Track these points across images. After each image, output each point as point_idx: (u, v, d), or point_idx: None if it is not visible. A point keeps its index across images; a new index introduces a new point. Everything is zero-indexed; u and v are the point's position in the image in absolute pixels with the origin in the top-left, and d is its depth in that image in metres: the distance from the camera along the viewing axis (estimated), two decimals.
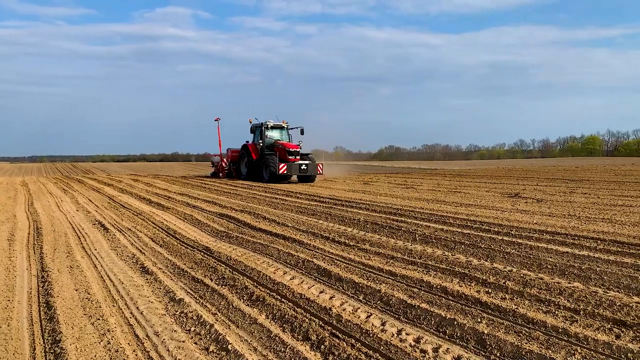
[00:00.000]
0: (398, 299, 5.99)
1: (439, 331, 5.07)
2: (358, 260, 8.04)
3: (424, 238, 9.81)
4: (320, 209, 14.61)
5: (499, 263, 7.67)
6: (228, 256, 8.44)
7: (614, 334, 4.83)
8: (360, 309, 5.73)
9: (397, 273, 7.17)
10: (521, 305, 5.71)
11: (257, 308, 5.89)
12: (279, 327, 5.27)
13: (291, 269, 7.67)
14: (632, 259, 7.62)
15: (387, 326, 5.18)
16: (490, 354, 4.51)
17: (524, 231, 10.12)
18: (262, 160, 26.05)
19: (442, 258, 8.09)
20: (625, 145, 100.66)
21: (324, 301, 6.00)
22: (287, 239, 9.92)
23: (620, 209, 13.46)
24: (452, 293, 6.19)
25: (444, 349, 4.56)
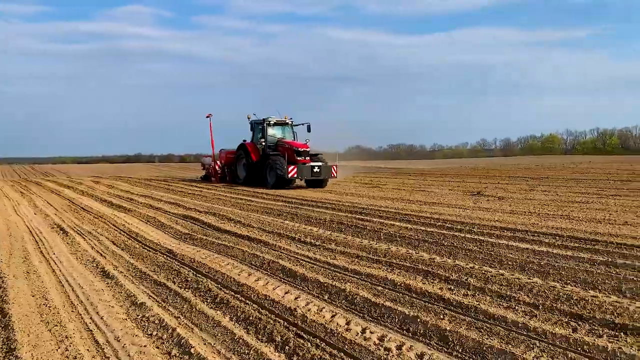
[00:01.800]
0: (363, 297, 6.02)
1: (402, 329, 5.11)
2: (324, 260, 8.04)
3: (388, 237, 9.89)
4: (287, 209, 14.57)
5: (462, 260, 7.80)
6: (192, 259, 8.32)
7: (571, 327, 4.97)
8: (325, 309, 5.74)
9: (362, 272, 7.20)
10: (482, 301, 5.81)
11: (221, 310, 5.82)
12: (243, 329, 5.22)
13: (256, 270, 7.62)
14: (588, 254, 7.86)
15: (352, 325, 5.19)
16: (452, 350, 4.57)
17: (485, 228, 10.32)
18: (266, 162, 22.09)
19: (406, 256, 8.17)
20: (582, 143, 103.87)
21: (289, 302, 5.98)
22: (253, 240, 9.85)
23: (577, 205, 13.88)
24: (416, 290, 6.26)
25: (407, 346, 4.60)
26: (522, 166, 40.03)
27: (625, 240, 8.62)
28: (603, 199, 15.34)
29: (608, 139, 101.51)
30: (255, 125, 24.31)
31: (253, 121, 24.54)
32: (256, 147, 23.55)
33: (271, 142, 23.30)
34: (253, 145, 23.81)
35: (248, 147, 23.76)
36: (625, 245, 8.26)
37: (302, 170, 21.33)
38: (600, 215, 11.74)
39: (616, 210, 12.70)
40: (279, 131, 24.10)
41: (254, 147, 23.67)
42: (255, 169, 23.09)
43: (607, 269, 6.96)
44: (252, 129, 24.56)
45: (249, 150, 23.60)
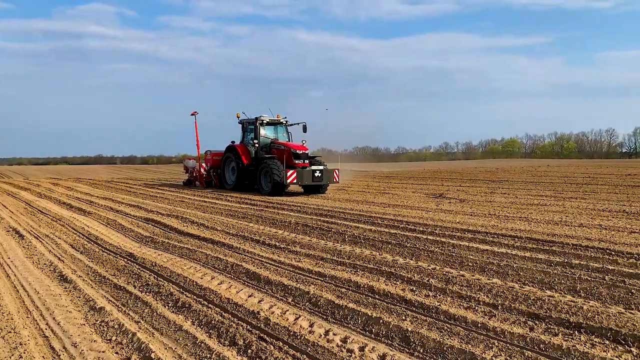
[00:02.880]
0: (326, 299, 6.04)
1: (365, 330, 5.15)
2: (288, 263, 8.03)
3: (353, 239, 9.95)
4: (251, 211, 14.49)
5: (424, 261, 7.91)
6: (153, 262, 8.18)
7: (528, 326, 5.10)
8: (289, 311, 5.73)
9: (326, 274, 7.22)
10: (444, 302, 5.91)
11: (183, 314, 5.74)
12: (205, 333, 5.16)
13: (219, 273, 7.54)
14: (545, 255, 8.09)
15: (315, 327, 5.20)
16: (414, 350, 4.63)
17: (447, 230, 10.50)
18: (260, 166, 19.79)
19: (370, 258, 8.24)
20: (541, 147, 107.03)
21: (252, 305, 5.94)
22: (216, 243, 9.75)
23: (536, 207, 14.27)
24: (379, 292, 6.31)
25: (369, 347, 4.64)
26: (483, 169, 40.89)
27: (580, 242, 8.90)
28: (560, 201, 15.81)
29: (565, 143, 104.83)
30: (246, 125, 21.92)
31: (244, 120, 22.11)
32: (247, 149, 21.28)
33: (264, 143, 21.07)
34: (243, 147, 21.46)
35: (238, 149, 21.31)
36: (580, 246, 8.53)
37: (302, 175, 18.97)
38: (557, 218, 12.10)
39: (572, 212, 13.11)
40: (271, 131, 21.72)
41: (244, 149, 21.32)
42: (246, 174, 20.85)
43: (563, 269, 7.18)
44: (243, 129, 22.22)
45: (238, 152, 21.16)
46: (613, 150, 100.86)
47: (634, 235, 9.60)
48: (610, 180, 23.59)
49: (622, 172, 30.10)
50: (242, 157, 21.02)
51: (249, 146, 21.26)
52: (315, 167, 19.59)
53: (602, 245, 8.60)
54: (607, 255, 7.92)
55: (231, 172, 22.02)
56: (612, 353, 4.39)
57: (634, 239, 9.20)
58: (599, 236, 9.48)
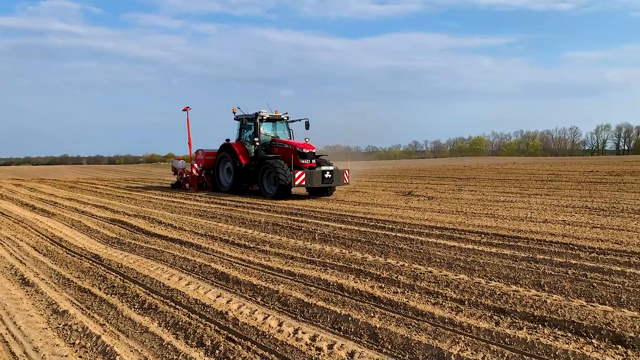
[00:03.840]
0: (296, 298, 6.02)
1: (334, 328, 5.15)
2: (257, 262, 7.98)
3: (323, 237, 9.96)
4: (221, 211, 14.36)
5: (392, 258, 7.97)
6: (119, 264, 8.02)
7: (494, 321, 5.19)
8: (258, 311, 5.69)
9: (296, 273, 7.21)
10: (412, 298, 5.96)
11: (149, 316, 5.64)
12: (172, 335, 5.08)
13: (187, 274, 7.44)
14: (511, 250, 8.24)
15: (284, 326, 5.18)
16: (382, 347, 4.65)
17: (415, 227, 10.60)
18: (262, 167, 17.93)
19: (339, 256, 8.25)
20: (507, 145, 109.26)
21: (220, 305, 5.88)
22: (184, 244, 9.62)
23: (502, 204, 14.53)
24: (348, 290, 6.33)
25: (338, 345, 4.64)
26: (451, 167, 41.48)
27: (545, 237, 9.10)
28: (525, 198, 16.15)
29: (531, 141, 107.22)
30: (245, 121, 19.83)
31: (242, 116, 19.99)
32: (245, 148, 19.44)
33: (264, 141, 19.24)
34: (241, 146, 19.55)
35: (235, 147, 19.39)
36: (545, 242, 8.73)
37: (311, 176, 17.22)
38: (523, 214, 12.35)
39: (537, 208, 13.40)
40: (272, 128, 19.86)
41: (242, 148, 19.43)
42: (245, 175, 19.06)
43: (527, 264, 7.32)
44: (240, 126, 20.16)
45: (235, 151, 19.24)
46: (576, 148, 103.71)
47: (595, 230, 9.87)
48: (574, 177, 24.21)
49: (584, 169, 30.93)
50: (240, 156, 19.13)
51: (247, 145, 19.51)
52: (325, 168, 17.79)
53: (566, 240, 8.81)
54: (570, 250, 8.12)
55: (226, 174, 20.16)
56: (574, 345, 4.50)
57: (595, 234, 9.46)
58: (563, 231, 9.72)
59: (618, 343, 4.52)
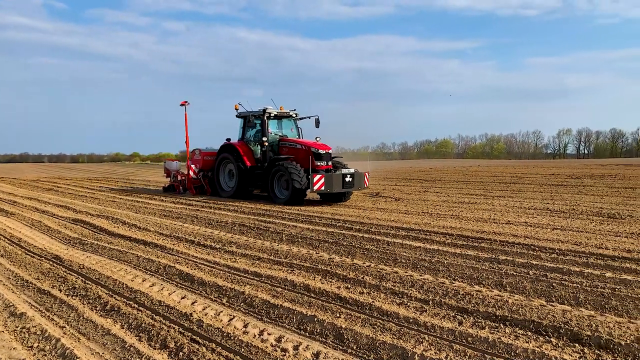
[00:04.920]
0: (261, 299, 5.99)
1: (300, 329, 5.15)
2: (223, 263, 7.91)
3: (290, 238, 9.94)
4: (187, 212, 14.18)
5: (359, 259, 8.01)
6: (80, 265, 7.83)
7: (457, 320, 5.27)
8: (223, 312, 5.64)
9: (262, 274, 7.17)
10: (377, 298, 6.01)
11: (112, 318, 5.53)
12: (135, 337, 4.99)
13: (151, 275, 7.32)
14: (474, 251, 8.40)
15: (250, 328, 5.14)
16: (347, 347, 4.67)
17: (382, 228, 10.69)
18: (274, 169, 16.14)
19: (306, 257, 8.25)
20: (472, 148, 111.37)
21: (185, 307, 5.80)
22: (149, 245, 9.47)
23: (466, 206, 14.79)
24: (314, 290, 6.33)
25: (304, 346, 4.64)
26: (418, 169, 42.00)
27: (507, 238, 9.30)
28: (489, 199, 16.47)
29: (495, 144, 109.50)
30: (251, 119, 17.77)
31: (246, 113, 17.97)
32: (249, 149, 17.69)
33: (272, 141, 17.51)
34: (245, 146, 17.74)
35: (238, 148, 17.57)
36: (507, 243, 8.92)
37: (331, 180, 15.45)
38: (486, 215, 12.59)
39: (500, 210, 13.69)
40: (276, 127, 18.09)
41: (246, 149, 17.65)
42: (250, 178, 17.25)
43: (490, 265, 7.47)
44: (244, 124, 18.22)
45: (239, 152, 17.45)
46: (539, 151, 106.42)
47: (556, 231, 10.14)
48: (536, 180, 24.82)
49: (547, 172, 31.74)
50: (244, 158, 17.33)
51: (252, 145, 17.75)
52: (346, 171, 16.15)
53: (527, 241, 9.02)
54: (532, 250, 8.32)
55: (228, 177, 18.42)
56: (533, 344, 4.61)
57: (556, 235, 9.71)
58: (525, 233, 9.95)
59: (575, 341, 4.65)
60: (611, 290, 6.09)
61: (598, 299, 5.82)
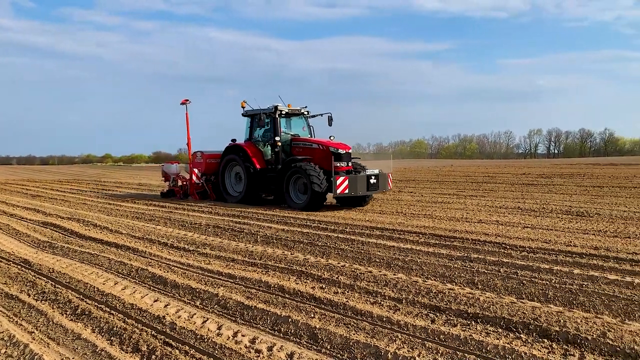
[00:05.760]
0: (235, 301, 5.96)
1: (274, 330, 5.14)
2: (197, 265, 7.85)
3: (265, 239, 9.92)
4: (159, 214, 14.02)
5: (334, 259, 8.04)
6: (50, 268, 7.68)
7: (430, 318, 5.34)
8: (197, 315, 5.59)
9: (237, 275, 7.14)
10: (351, 298, 6.04)
11: (82, 322, 5.44)
12: (107, 341, 4.92)
13: (123, 278, 7.22)
14: (447, 250, 8.51)
15: (223, 329, 5.12)
16: (321, 347, 4.69)
17: (357, 228, 10.75)
18: (289, 172, 14.73)
19: (281, 258, 8.24)
20: (445, 148, 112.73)
21: (157, 310, 5.74)
22: (120, 247, 9.33)
23: (439, 205, 14.96)
24: (289, 291, 6.33)
25: (278, 346, 4.64)
26: (392, 169, 42.30)
27: (479, 237, 9.45)
28: (462, 199, 16.69)
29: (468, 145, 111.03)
30: (262, 117, 16.18)
31: (255, 111, 16.55)
32: (258, 150, 16.32)
33: (285, 140, 16.15)
34: (253, 147, 16.40)
35: (247, 149, 16.19)
36: (479, 241, 9.06)
37: (355, 182, 14.15)
38: (459, 214, 12.76)
39: (472, 209, 13.89)
40: (284, 125, 16.55)
41: (255, 150, 16.27)
42: (262, 182, 15.87)
43: (462, 263, 7.58)
44: (251, 123, 16.85)
45: (248, 153, 16.07)
46: (510, 151, 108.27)
47: (526, 230, 10.34)
48: (507, 179, 25.24)
49: (517, 171, 32.29)
50: (254, 159, 15.95)
51: (260, 145, 16.40)
52: (370, 172, 14.97)
53: (499, 239, 9.17)
54: (503, 249, 8.47)
55: (235, 180, 17.00)
56: (504, 340, 4.69)
57: (526, 233, 9.90)
58: (496, 231, 10.12)
59: (544, 337, 4.75)
60: (579, 287, 6.24)
61: (566, 295, 5.96)
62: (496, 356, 4.34)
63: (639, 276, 6.66)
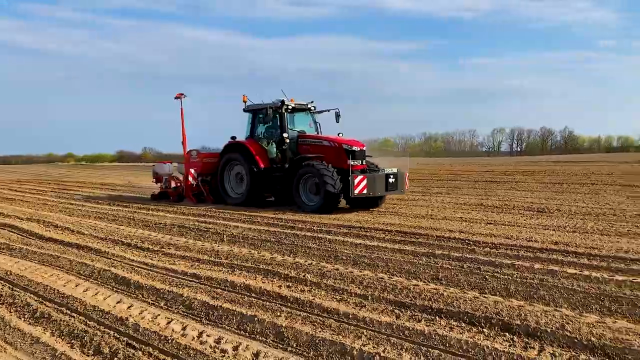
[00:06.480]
0: (201, 301, 5.90)
1: (239, 329, 5.10)
2: (162, 266, 7.73)
3: (232, 238, 9.85)
4: (123, 213, 13.76)
5: (301, 257, 8.04)
6: (8, 271, 7.43)
7: (395, 314, 5.39)
8: (161, 316, 5.50)
9: (202, 275, 7.06)
10: (318, 295, 6.05)
11: (42, 326, 5.28)
12: (67, 344, 4.79)
13: (85, 280, 7.05)
14: (412, 246, 8.61)
15: (188, 330, 5.05)
16: (287, 345, 4.68)
17: (324, 226, 10.78)
18: (300, 171, 13.70)
19: (248, 257, 8.20)
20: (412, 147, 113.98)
21: (120, 311, 5.63)
22: (82, 248, 9.11)
23: (405, 203, 15.14)
24: (255, 290, 6.30)
25: (243, 346, 4.61)
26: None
27: (444, 233, 9.60)
28: (427, 196, 16.94)
29: (433, 143, 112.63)
30: (269, 112, 14.73)
31: (258, 106, 15.37)
32: (262, 148, 15.13)
33: (292, 137, 14.95)
34: (256, 145, 15.20)
35: (249, 147, 15.01)
36: (443, 238, 9.21)
37: (374, 182, 13.21)
38: (424, 212, 12.94)
39: (437, 206, 14.11)
40: (289, 122, 15.25)
41: (258, 148, 15.10)
42: (267, 182, 14.70)
43: (427, 259, 7.69)
44: (253, 119, 15.68)
45: (250, 151, 14.88)
46: (475, 149, 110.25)
47: (489, 226, 10.56)
48: (471, 177, 25.74)
49: (481, 169, 32.98)
50: (257, 158, 14.76)
51: (264, 143, 15.18)
52: (389, 170, 13.93)
53: (462, 236, 9.34)
54: (466, 245, 8.63)
55: (236, 181, 15.67)
56: (467, 335, 4.78)
57: (489, 229, 10.11)
58: (460, 227, 10.30)
59: (506, 330, 4.86)
60: (539, 281, 6.41)
61: (527, 289, 6.11)
62: (459, 350, 4.42)
63: (596, 270, 6.89)
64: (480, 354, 4.32)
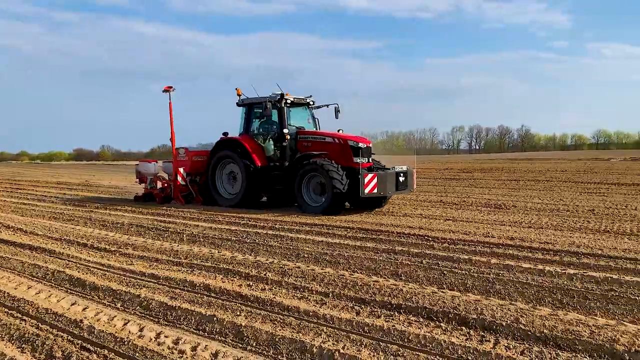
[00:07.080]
0: (159, 302, 5.79)
1: (198, 329, 5.03)
2: (119, 266, 7.55)
3: (191, 238, 9.71)
4: (79, 213, 13.38)
5: (262, 256, 8.00)
6: None
7: (355, 311, 5.42)
8: (117, 317, 5.37)
9: (160, 275, 6.94)
10: (279, 294, 6.03)
11: None
12: (17, 349, 4.62)
13: (38, 282, 6.82)
14: (373, 243, 8.69)
15: (145, 331, 4.95)
16: (247, 345, 4.64)
17: (286, 224, 10.76)
18: (303, 169, 12.79)
19: (208, 256, 8.10)
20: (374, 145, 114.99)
21: (75, 313, 5.47)
22: (35, 249, 8.81)
23: None
24: (215, 290, 6.23)
25: (202, 346, 4.55)
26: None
27: (404, 230, 9.72)
28: None
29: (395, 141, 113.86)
30: (268, 106, 13.47)
31: (262, 99, 13.96)
32: (258, 145, 14.20)
33: (291, 133, 13.97)
34: (252, 141, 14.22)
35: (245, 143, 13.95)
36: (403, 234, 9.32)
37: (384, 180, 12.46)
38: (385, 209, 13.07)
39: (398, 203, 14.27)
40: (291, 116, 14.43)
41: (254, 144, 14.14)
42: (265, 182, 13.72)
43: (387, 255, 7.77)
44: (248, 113, 14.64)
45: (247, 148, 13.85)
46: (435, 147, 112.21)
47: (447, 222, 10.75)
48: (431, 175, 26.16)
49: (441, 166, 33.57)
50: (254, 155, 13.76)
51: (260, 140, 14.29)
52: (399, 168, 13.28)
53: (422, 232, 9.48)
54: (425, 241, 8.76)
55: (228, 180, 14.69)
56: (425, 329, 4.85)
57: (447, 226, 10.30)
58: (420, 224, 10.46)
59: (462, 325, 4.95)
60: (495, 276, 6.57)
61: (484, 284, 6.25)
62: (417, 345, 4.48)
63: (549, 264, 7.11)
64: (438, 348, 4.39)
